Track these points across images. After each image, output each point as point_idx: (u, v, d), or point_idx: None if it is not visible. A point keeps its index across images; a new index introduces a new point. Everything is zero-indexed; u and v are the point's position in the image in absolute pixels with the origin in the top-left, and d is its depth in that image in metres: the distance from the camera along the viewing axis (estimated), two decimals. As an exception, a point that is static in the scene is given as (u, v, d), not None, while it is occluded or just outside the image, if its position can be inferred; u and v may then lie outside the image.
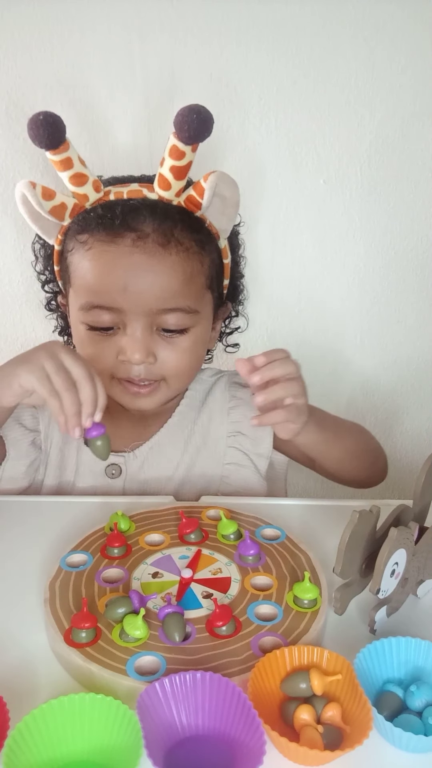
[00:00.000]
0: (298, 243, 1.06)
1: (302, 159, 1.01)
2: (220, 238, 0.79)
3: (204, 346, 0.83)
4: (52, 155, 0.68)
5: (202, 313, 0.78)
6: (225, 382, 0.91)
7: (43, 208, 0.71)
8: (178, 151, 0.68)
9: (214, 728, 0.46)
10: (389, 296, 1.11)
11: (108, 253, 0.73)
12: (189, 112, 0.65)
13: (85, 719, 0.45)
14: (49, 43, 0.93)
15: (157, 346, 0.76)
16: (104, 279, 0.73)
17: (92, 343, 0.77)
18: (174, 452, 0.86)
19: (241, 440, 0.87)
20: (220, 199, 0.73)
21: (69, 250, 0.77)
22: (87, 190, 0.72)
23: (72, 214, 0.75)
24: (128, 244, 0.72)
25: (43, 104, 0.95)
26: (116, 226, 0.72)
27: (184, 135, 0.66)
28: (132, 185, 0.75)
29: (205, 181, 0.70)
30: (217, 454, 0.87)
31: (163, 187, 0.72)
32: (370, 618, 0.56)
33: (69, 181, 0.71)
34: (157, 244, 0.72)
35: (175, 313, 0.75)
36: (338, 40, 0.95)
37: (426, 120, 1.00)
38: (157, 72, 0.96)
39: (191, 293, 0.76)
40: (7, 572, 0.65)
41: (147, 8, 0.92)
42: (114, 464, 0.85)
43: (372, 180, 1.03)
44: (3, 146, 0.98)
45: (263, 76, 0.96)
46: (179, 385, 0.81)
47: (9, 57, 0.94)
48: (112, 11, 0.93)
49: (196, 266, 0.75)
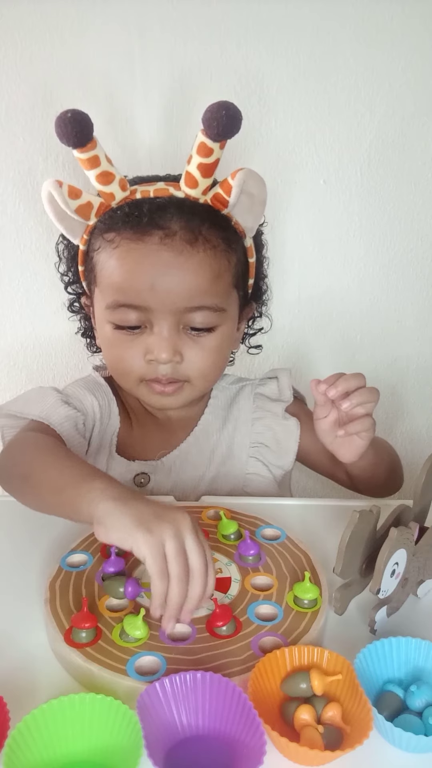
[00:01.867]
0: (298, 243, 1.06)
1: (302, 159, 1.01)
2: (246, 237, 0.78)
3: (230, 345, 0.81)
4: (80, 153, 0.67)
5: (228, 312, 0.77)
6: (249, 392, 0.90)
7: (69, 207, 0.70)
8: (206, 148, 0.67)
9: (215, 728, 0.46)
10: (389, 296, 1.11)
11: (135, 251, 0.72)
12: (218, 108, 0.64)
13: (85, 719, 0.45)
14: (49, 43, 0.93)
15: (184, 344, 0.75)
16: (131, 277, 0.72)
17: (119, 342, 0.76)
18: (200, 460, 0.86)
19: (264, 452, 0.87)
20: (248, 196, 0.72)
21: (95, 249, 0.76)
22: (113, 188, 0.71)
23: (98, 213, 0.74)
24: (156, 242, 0.71)
25: (42, 104, 0.96)
26: (143, 223, 0.71)
27: (213, 132, 0.65)
28: (158, 184, 0.75)
29: (233, 178, 0.70)
30: (240, 464, 0.87)
31: (190, 185, 0.72)
32: (370, 618, 0.56)
33: (96, 179, 0.70)
34: (184, 242, 0.71)
35: (202, 312, 0.74)
36: (338, 40, 0.95)
37: (426, 120, 1.00)
38: (157, 72, 0.96)
39: (218, 291, 0.75)
40: (7, 572, 0.65)
41: (147, 8, 0.92)
42: (143, 473, 0.84)
43: (372, 180, 1.03)
44: (3, 146, 0.98)
45: (263, 76, 0.96)
46: (204, 385, 0.80)
47: (9, 57, 0.94)
48: (112, 11, 0.93)
49: (223, 264, 0.75)
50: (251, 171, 0.70)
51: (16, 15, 0.92)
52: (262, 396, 0.89)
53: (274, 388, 0.89)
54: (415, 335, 1.14)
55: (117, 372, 0.80)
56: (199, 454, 0.86)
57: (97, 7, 0.92)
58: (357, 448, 0.75)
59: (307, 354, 1.13)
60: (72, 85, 0.95)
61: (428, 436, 1.20)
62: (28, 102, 0.96)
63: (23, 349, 1.11)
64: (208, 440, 0.87)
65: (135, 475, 0.84)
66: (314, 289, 1.09)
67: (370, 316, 1.12)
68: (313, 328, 1.12)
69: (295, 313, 1.11)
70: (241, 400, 0.89)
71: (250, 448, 0.87)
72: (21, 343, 1.11)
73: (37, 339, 1.10)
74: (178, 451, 0.86)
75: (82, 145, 0.66)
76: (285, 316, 1.10)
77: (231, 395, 0.90)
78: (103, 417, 0.86)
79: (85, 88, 0.96)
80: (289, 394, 0.88)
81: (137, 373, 0.76)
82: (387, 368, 1.16)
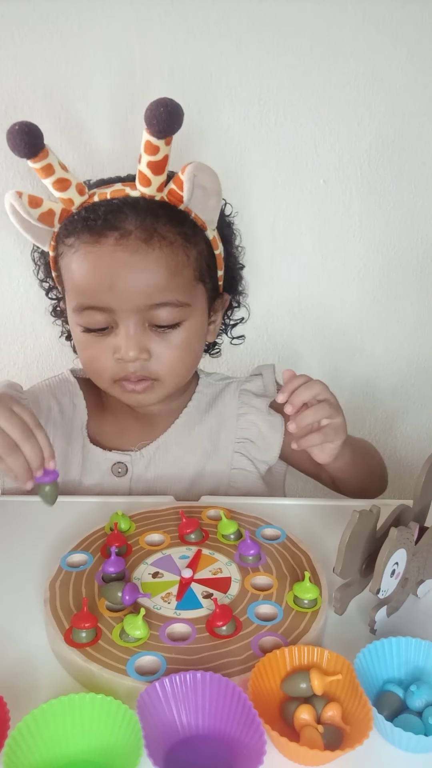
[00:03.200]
0: (298, 243, 1.06)
1: (302, 159, 1.01)
2: (208, 229, 0.78)
3: (200, 339, 0.82)
4: (33, 163, 0.69)
5: (193, 306, 0.78)
6: (235, 389, 0.91)
7: (32, 216, 0.72)
8: (152, 146, 0.68)
9: (215, 728, 0.46)
10: (389, 296, 1.11)
11: (92, 254, 0.73)
12: (156, 105, 0.65)
13: (85, 719, 0.45)
14: (49, 43, 0.94)
15: (151, 341, 0.76)
16: (90, 279, 0.74)
17: (89, 344, 0.78)
18: (181, 453, 0.87)
19: (249, 447, 0.88)
20: (201, 189, 0.73)
21: (60, 254, 0.78)
22: (71, 194, 0.73)
23: (60, 219, 0.75)
24: (111, 243, 0.72)
25: (42, 104, 0.96)
26: (98, 226, 0.73)
27: (155, 129, 0.66)
28: (116, 185, 0.76)
29: (183, 173, 0.71)
30: (225, 459, 0.87)
31: (144, 183, 0.72)
32: (370, 618, 0.56)
33: (52, 186, 0.72)
34: (139, 241, 0.72)
35: (164, 308, 0.75)
36: (338, 39, 0.95)
37: (426, 120, 1.00)
38: (157, 72, 0.96)
39: (179, 287, 0.75)
40: (7, 572, 0.65)
41: (147, 8, 0.93)
42: (120, 462, 0.86)
43: (372, 180, 1.03)
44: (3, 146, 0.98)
45: (263, 76, 0.96)
46: (174, 381, 0.81)
47: (9, 57, 0.94)
48: (112, 11, 0.93)
49: (181, 259, 0.75)
50: (201, 164, 0.71)
51: (16, 15, 0.92)
52: (247, 392, 0.90)
53: (259, 384, 0.90)
54: (415, 335, 1.14)
55: (91, 373, 0.81)
56: (179, 446, 0.87)
57: (97, 7, 0.92)
58: (329, 449, 0.74)
59: (307, 354, 1.13)
60: (72, 84, 0.95)
61: (428, 436, 1.20)
62: (29, 102, 0.96)
63: (23, 350, 1.11)
64: (190, 433, 0.87)
65: (112, 465, 0.86)
66: (314, 288, 1.09)
67: (370, 316, 1.12)
68: (313, 327, 1.12)
69: (295, 313, 1.11)
70: (226, 396, 0.90)
71: (235, 444, 0.88)
72: (21, 343, 1.11)
73: (37, 339, 1.10)
74: (157, 442, 0.86)
75: (33, 155, 0.68)
76: (285, 316, 1.10)
77: (216, 391, 0.91)
78: (64, 413, 0.88)
79: (85, 88, 0.96)
80: (273, 390, 0.89)
81: (108, 373, 0.78)
82: (387, 368, 1.16)
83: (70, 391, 0.90)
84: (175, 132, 0.67)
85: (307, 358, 1.13)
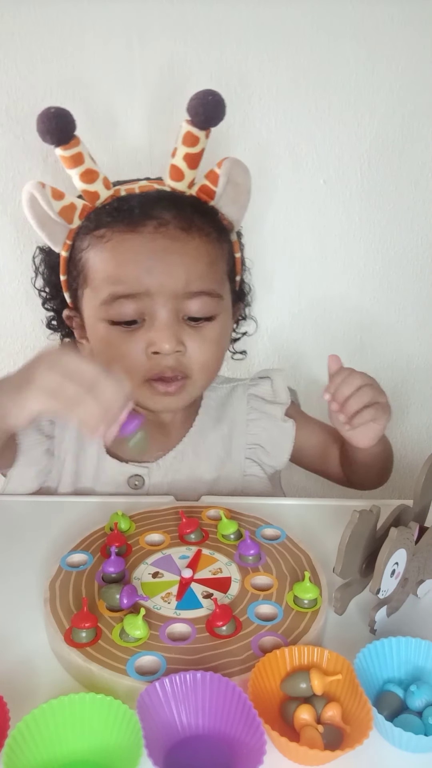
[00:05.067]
0: (298, 243, 1.06)
1: (302, 159, 1.01)
2: (232, 230, 0.78)
3: (228, 339, 0.81)
4: (63, 151, 0.67)
5: (225, 301, 0.77)
6: (242, 393, 0.89)
7: (53, 209, 0.70)
8: (192, 137, 0.67)
9: (215, 728, 0.46)
10: (389, 296, 1.11)
11: (129, 241, 0.71)
12: (204, 95, 0.64)
13: (85, 719, 0.45)
14: (49, 43, 0.94)
15: (185, 334, 0.73)
16: (128, 265, 0.71)
17: (117, 341, 0.73)
18: (197, 462, 0.85)
19: (259, 453, 0.87)
20: (233, 186, 0.72)
21: (83, 248, 0.74)
22: (98, 187, 0.71)
23: (81, 215, 0.73)
24: (150, 231, 0.71)
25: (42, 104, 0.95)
26: (135, 215, 0.71)
27: (200, 119, 0.65)
28: (141, 181, 0.74)
29: (219, 167, 0.69)
30: (238, 466, 0.86)
31: (176, 177, 0.71)
32: (370, 618, 0.56)
33: (79, 177, 0.70)
34: (179, 230, 0.71)
35: (200, 298, 0.73)
36: (338, 40, 0.95)
37: (426, 120, 1.00)
38: (157, 72, 0.96)
39: (215, 277, 0.75)
40: (7, 572, 0.65)
41: (147, 8, 0.93)
42: (137, 475, 0.83)
43: (372, 180, 1.03)
44: (3, 146, 0.98)
45: (263, 76, 0.96)
46: (205, 380, 0.79)
47: (9, 57, 0.94)
48: (112, 11, 0.93)
49: (218, 251, 0.75)
50: (236, 159, 0.70)
51: (16, 15, 0.92)
52: (255, 397, 0.88)
53: (268, 389, 0.88)
54: (415, 335, 1.14)
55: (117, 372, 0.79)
56: (195, 455, 0.85)
57: (97, 8, 0.92)
58: (373, 433, 0.74)
59: (307, 354, 1.13)
60: (72, 85, 0.95)
61: (428, 436, 1.20)
62: (29, 102, 0.96)
63: (23, 350, 1.11)
64: (204, 441, 0.86)
65: (129, 477, 0.83)
66: (314, 289, 1.09)
67: (370, 316, 1.12)
68: (312, 327, 1.12)
69: (294, 313, 1.11)
70: (234, 401, 0.88)
71: (246, 449, 0.87)
72: (21, 344, 1.11)
73: (37, 339, 1.10)
74: (174, 452, 0.84)
75: (65, 142, 0.66)
76: (285, 316, 1.10)
77: (223, 395, 0.89)
78: None
79: (85, 88, 0.96)
80: (285, 396, 0.88)
81: (140, 370, 0.73)
82: (387, 368, 1.16)
83: None
84: (218, 124, 0.66)
85: (307, 358, 1.13)
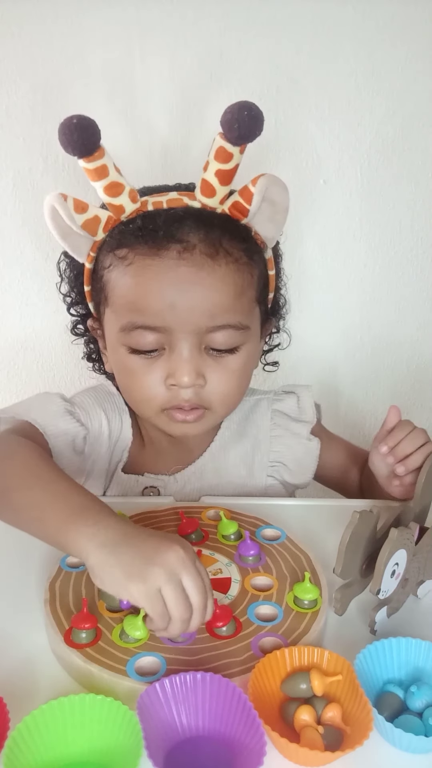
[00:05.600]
0: (299, 243, 1.06)
1: (302, 159, 1.01)
2: (267, 248, 0.73)
3: (254, 365, 0.77)
4: (86, 163, 0.62)
5: (252, 330, 0.72)
6: (266, 408, 0.85)
7: (75, 222, 0.65)
8: (225, 153, 0.62)
9: (215, 729, 0.46)
10: (389, 296, 1.11)
11: (151, 268, 0.66)
12: (239, 109, 0.59)
13: (85, 720, 0.45)
14: (49, 42, 0.94)
15: (207, 366, 0.69)
16: (149, 296, 0.66)
17: (136, 368, 0.70)
18: (216, 478, 0.83)
19: (282, 471, 0.85)
20: (269, 204, 0.67)
21: (105, 267, 0.70)
22: (123, 200, 0.66)
23: (106, 228, 0.68)
24: (174, 257, 0.66)
25: (42, 104, 0.96)
26: (159, 237, 0.66)
27: (234, 135, 0.60)
28: (171, 194, 0.69)
29: (254, 184, 0.64)
30: (260, 484, 0.84)
31: (207, 193, 0.66)
32: (370, 618, 0.56)
33: (103, 191, 0.65)
34: (205, 256, 0.66)
35: (225, 331, 0.68)
36: (338, 40, 0.95)
37: (426, 120, 1.00)
38: (157, 72, 0.96)
39: (242, 308, 0.69)
40: (7, 572, 0.65)
41: (147, 8, 0.93)
42: (153, 487, 0.81)
43: (372, 180, 1.03)
44: (3, 146, 0.98)
45: (263, 75, 0.96)
46: (226, 411, 0.75)
47: (9, 57, 0.94)
48: (112, 11, 0.93)
49: (246, 278, 0.69)
50: (274, 177, 0.65)
51: (16, 15, 0.92)
52: (280, 413, 0.85)
53: (293, 406, 0.85)
54: (415, 335, 1.14)
55: (134, 400, 0.74)
56: (215, 471, 0.82)
57: (97, 7, 0.92)
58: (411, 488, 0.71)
59: (307, 354, 1.13)
60: (72, 85, 0.95)
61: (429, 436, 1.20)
62: (29, 102, 0.96)
63: (23, 350, 1.11)
64: (226, 457, 0.83)
65: (144, 488, 0.82)
66: (314, 289, 1.09)
67: (370, 316, 1.12)
68: (312, 328, 1.12)
69: (294, 314, 1.10)
70: (257, 416, 0.85)
71: (268, 468, 0.84)
72: (21, 344, 1.11)
73: (38, 339, 1.10)
74: (193, 467, 0.82)
75: (89, 154, 0.61)
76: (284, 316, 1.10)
77: (246, 409, 0.85)
78: (112, 432, 0.81)
79: (85, 88, 0.96)
80: (311, 415, 0.84)
81: (158, 401, 0.71)
82: (387, 368, 1.16)
83: (118, 407, 0.82)
84: (254, 139, 0.62)
85: (307, 358, 1.13)
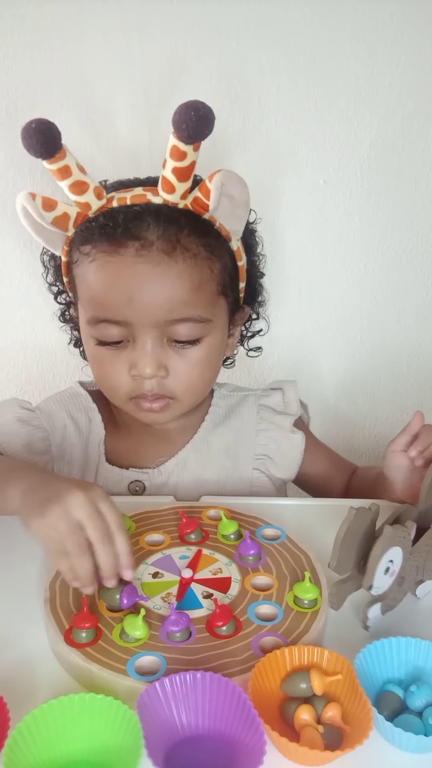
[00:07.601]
0: (298, 243, 1.06)
1: (302, 159, 1.01)
2: (232, 240, 0.75)
3: (219, 355, 0.78)
4: (49, 164, 0.65)
5: (215, 322, 0.74)
6: (253, 403, 0.87)
7: (45, 220, 0.68)
8: (179, 151, 0.64)
9: (214, 728, 0.46)
10: (389, 296, 1.11)
11: (111, 264, 0.69)
12: (186, 109, 0.61)
13: (85, 719, 0.45)
14: (49, 43, 0.94)
15: (169, 358, 0.72)
16: (108, 292, 0.70)
17: (103, 358, 0.74)
18: (200, 469, 0.84)
19: (267, 464, 0.86)
20: (228, 199, 0.68)
21: (74, 261, 0.74)
22: (89, 198, 0.69)
23: (75, 223, 0.71)
24: (132, 254, 0.68)
25: (43, 104, 0.96)
26: (118, 235, 0.68)
27: (184, 134, 0.62)
28: (136, 189, 0.71)
29: (210, 181, 0.66)
30: (246, 476, 0.85)
31: (167, 189, 0.68)
32: (363, 614, 0.55)
33: (69, 189, 0.68)
34: (162, 252, 0.68)
35: (185, 324, 0.71)
36: (338, 40, 0.95)
37: (426, 120, 1.00)
38: (157, 72, 0.96)
39: (201, 302, 0.72)
40: (8, 572, 0.65)
41: (147, 8, 0.93)
42: (138, 481, 0.83)
43: (372, 180, 1.03)
44: (3, 146, 0.98)
45: (263, 76, 0.96)
46: (192, 400, 0.77)
47: (9, 57, 0.94)
48: (112, 11, 0.93)
49: (205, 273, 0.71)
50: (229, 172, 0.67)
51: (16, 15, 0.92)
52: (266, 408, 0.87)
53: (279, 400, 0.87)
54: (415, 335, 1.14)
55: (105, 388, 0.78)
56: (198, 462, 0.84)
57: (97, 7, 0.92)
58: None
59: (307, 354, 1.13)
60: (72, 85, 0.95)
61: (428, 436, 1.20)
62: (29, 102, 0.96)
63: (23, 350, 1.12)
64: (209, 449, 0.85)
65: (129, 483, 0.83)
66: (314, 289, 1.09)
67: (370, 316, 1.12)
68: (312, 328, 1.12)
69: (294, 314, 1.11)
70: (243, 410, 0.87)
71: (254, 460, 0.86)
72: (21, 344, 1.11)
73: (38, 339, 1.10)
74: (176, 459, 0.84)
75: (50, 155, 0.64)
76: (284, 316, 1.10)
77: (232, 404, 0.88)
78: (81, 430, 0.84)
79: (85, 88, 0.96)
80: (296, 408, 0.87)
81: (124, 389, 0.74)
82: (387, 368, 1.16)
83: (84, 406, 0.86)
84: (205, 138, 0.63)
85: (307, 357, 1.13)
